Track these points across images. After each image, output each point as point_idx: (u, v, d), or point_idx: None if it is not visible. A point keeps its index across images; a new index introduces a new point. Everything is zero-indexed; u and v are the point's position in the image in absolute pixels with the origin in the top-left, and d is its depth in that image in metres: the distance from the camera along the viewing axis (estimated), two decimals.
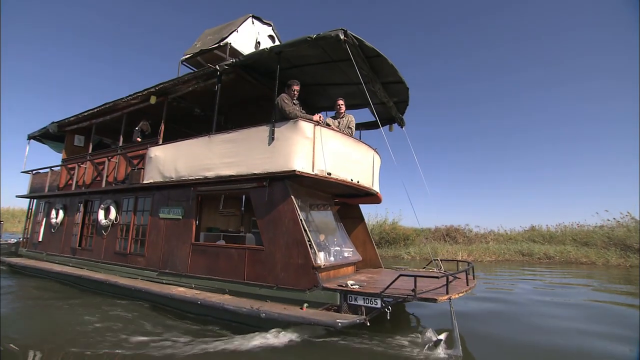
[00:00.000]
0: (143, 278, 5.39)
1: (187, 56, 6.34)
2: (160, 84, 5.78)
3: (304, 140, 4.14)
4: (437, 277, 3.93)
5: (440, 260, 5.78)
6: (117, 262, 5.89)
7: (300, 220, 4.09)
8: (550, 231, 20.38)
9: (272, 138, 4.26)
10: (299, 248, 4.01)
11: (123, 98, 6.38)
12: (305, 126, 4.17)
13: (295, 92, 4.66)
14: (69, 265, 6.70)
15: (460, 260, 5.48)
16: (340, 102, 5.28)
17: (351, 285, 3.71)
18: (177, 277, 4.98)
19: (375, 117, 6.54)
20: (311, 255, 3.92)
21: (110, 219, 6.14)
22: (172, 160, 5.32)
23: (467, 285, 3.93)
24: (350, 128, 5.12)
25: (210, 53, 6.04)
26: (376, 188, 5.49)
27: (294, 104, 4.52)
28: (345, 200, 6.17)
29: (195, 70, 6.07)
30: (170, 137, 9.00)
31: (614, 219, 18.10)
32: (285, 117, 4.27)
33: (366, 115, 7.06)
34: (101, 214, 6.27)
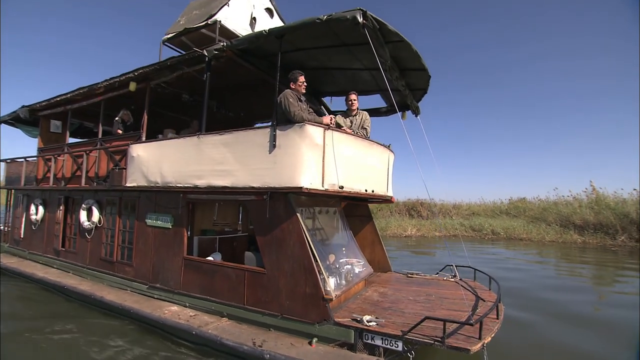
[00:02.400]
0: (132, 290, 4.91)
1: (169, 35, 5.40)
2: (140, 69, 4.93)
3: (312, 148, 3.46)
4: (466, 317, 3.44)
5: (455, 266, 5.36)
6: (103, 270, 5.38)
7: (308, 242, 3.52)
8: (513, 203, 21.42)
9: (273, 145, 3.56)
10: (306, 275, 3.47)
11: (98, 83, 5.53)
12: (314, 132, 3.46)
13: (302, 86, 3.88)
14: (54, 268, 6.19)
15: (477, 270, 5.01)
16: (353, 97, 4.51)
17: (367, 321, 3.22)
18: (169, 293, 4.49)
19: (394, 103, 5.77)
20: (321, 284, 3.40)
21: (94, 222, 5.54)
22: (156, 162, 4.62)
23: (497, 316, 3.44)
24: (365, 128, 4.40)
25: (197, 32, 5.11)
26: (390, 192, 4.89)
27: (300, 101, 3.77)
28: (353, 201, 5.59)
29: (181, 52, 5.21)
30: (156, 124, 8.24)
31: (570, 194, 19.01)
32: (288, 119, 3.54)
33: (375, 101, 6.30)
34: (83, 215, 5.66)
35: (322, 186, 3.48)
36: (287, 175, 3.45)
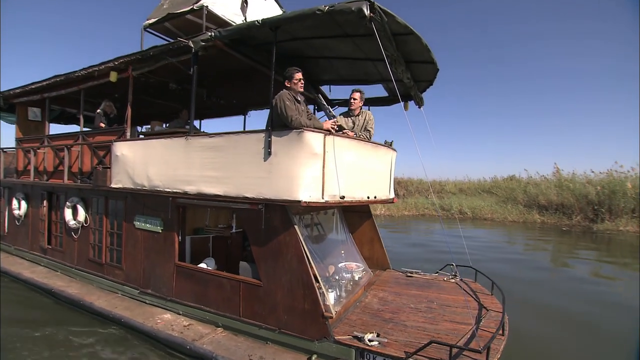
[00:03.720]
0: (123, 294, 4.73)
1: (151, 21, 4.86)
2: (120, 58, 4.48)
3: (311, 157, 3.16)
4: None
5: (456, 265, 5.24)
6: (93, 272, 5.16)
7: (307, 255, 3.31)
8: (486, 182, 22.74)
9: (268, 152, 3.25)
10: (305, 291, 3.29)
11: (75, 72, 5.06)
12: (314, 139, 3.15)
13: (299, 85, 3.51)
14: (41, 265, 5.97)
15: (479, 271, 4.89)
16: (357, 95, 4.15)
17: (369, 340, 3.08)
18: (161, 299, 4.32)
19: (397, 94, 5.44)
20: (320, 300, 3.23)
21: (80, 221, 5.25)
22: (142, 163, 4.28)
23: (503, 332, 3.31)
24: (369, 130, 4.07)
25: (182, 18, 4.61)
26: (392, 193, 4.65)
27: (297, 102, 3.42)
28: None
29: (165, 39, 4.74)
30: (144, 112, 7.78)
31: (538, 173, 20.03)
32: (285, 123, 3.21)
33: (376, 90, 5.92)
34: (68, 214, 5.36)
35: (322, 198, 3.22)
36: (283, 187, 3.17)
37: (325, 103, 6.19)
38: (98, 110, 5.36)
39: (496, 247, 10.78)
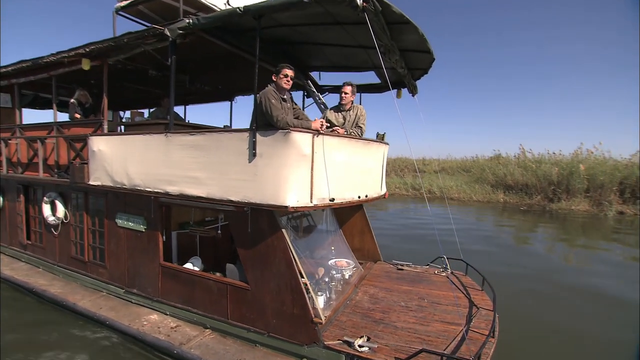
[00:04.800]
0: (109, 292, 4.61)
1: (124, 3, 4.44)
2: (92, 44, 4.12)
3: (299, 159, 2.97)
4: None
5: (447, 258, 5.23)
6: (76, 269, 5.00)
7: (295, 260, 3.20)
8: (467, 161, 23.64)
9: (253, 153, 3.05)
10: (293, 295, 3.21)
11: (43, 58, 4.66)
12: (301, 140, 2.95)
13: (284, 82, 3.25)
14: (22, 261, 5.77)
15: (470, 265, 4.88)
16: (348, 89, 3.91)
17: (359, 346, 3.04)
18: (147, 299, 4.21)
19: (388, 84, 5.23)
20: (309, 305, 3.15)
21: (59, 217, 5.02)
22: (121, 160, 4.03)
23: (493, 333, 3.30)
24: (360, 127, 3.87)
25: (157, 1, 4.21)
26: (384, 189, 4.52)
27: (283, 100, 3.18)
28: None
29: (140, 23, 4.35)
30: (123, 98, 7.36)
31: (507, 153, 20.95)
32: (271, 123, 2.99)
33: (368, 77, 5.67)
34: (47, 210, 5.12)
35: (311, 202, 3.07)
36: (270, 191, 3.00)
37: (314, 90, 5.92)
38: (72, 100, 5.00)
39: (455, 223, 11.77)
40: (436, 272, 5.02)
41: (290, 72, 3.21)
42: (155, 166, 3.73)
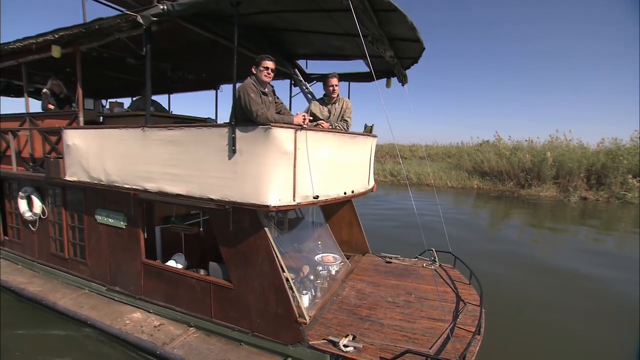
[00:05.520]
0: (91, 290, 4.49)
1: None
2: (61, 30, 3.86)
3: (281, 157, 2.84)
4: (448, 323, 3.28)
5: (436, 250, 5.21)
6: (57, 266, 4.85)
7: (278, 259, 3.12)
8: (452, 148, 24.47)
9: (232, 150, 2.90)
10: (277, 295, 3.14)
11: (9, 44, 4.38)
12: (283, 136, 2.81)
13: (264, 74, 3.07)
14: (0, 258, 5.60)
15: (458, 258, 4.87)
16: (334, 82, 3.73)
17: (344, 346, 3.01)
18: (130, 297, 4.12)
19: (379, 70, 5.05)
20: (293, 305, 3.09)
21: (36, 213, 4.84)
22: (97, 155, 3.84)
23: (479, 330, 3.28)
24: (346, 120, 3.72)
25: None
26: (371, 182, 4.43)
27: (264, 94, 3.01)
28: None
29: (114, 8, 4.08)
30: (104, 86, 7.03)
31: (480, 138, 21.97)
32: (251, 118, 2.84)
33: (357, 66, 5.49)
34: (23, 205, 4.92)
35: (294, 200, 2.96)
36: (250, 190, 2.88)
37: (302, 79, 5.72)
38: (44, 90, 4.74)
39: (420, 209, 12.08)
40: (424, 265, 5.00)
41: (271, 64, 3.03)
42: (133, 162, 3.56)
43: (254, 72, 3.06)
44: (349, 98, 5.32)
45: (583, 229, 10.81)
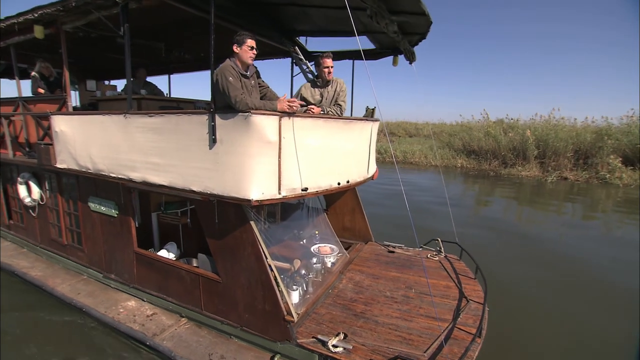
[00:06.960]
0: (89, 276, 4.52)
1: None
2: (38, 9, 3.63)
3: (263, 146, 2.60)
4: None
5: (441, 241, 4.96)
6: (57, 251, 4.90)
7: (265, 254, 2.95)
8: (456, 126, 24.10)
9: (213, 139, 2.68)
10: (264, 291, 3.00)
11: None
12: (265, 124, 2.56)
13: (250, 55, 2.78)
14: (7, 241, 5.72)
15: (464, 249, 4.60)
16: (328, 62, 3.38)
17: (333, 346, 2.86)
18: (125, 285, 4.10)
19: (385, 46, 4.65)
20: (281, 302, 2.95)
21: (35, 198, 4.84)
22: (83, 142, 3.71)
23: (480, 333, 3.05)
24: (339, 105, 3.40)
25: None
26: (371, 170, 4.15)
27: (244, 77, 2.73)
28: None
29: None
30: (98, 67, 6.85)
31: (472, 119, 21.36)
32: (230, 104, 2.59)
33: (362, 43, 5.05)
34: (22, 190, 4.92)
35: (279, 194, 2.74)
36: (231, 182, 2.67)
37: (302, 57, 5.37)
38: (33, 73, 4.60)
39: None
40: (429, 255, 4.76)
41: (254, 43, 2.73)
42: (116, 150, 3.40)
43: (236, 51, 2.77)
44: (353, 78, 4.96)
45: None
